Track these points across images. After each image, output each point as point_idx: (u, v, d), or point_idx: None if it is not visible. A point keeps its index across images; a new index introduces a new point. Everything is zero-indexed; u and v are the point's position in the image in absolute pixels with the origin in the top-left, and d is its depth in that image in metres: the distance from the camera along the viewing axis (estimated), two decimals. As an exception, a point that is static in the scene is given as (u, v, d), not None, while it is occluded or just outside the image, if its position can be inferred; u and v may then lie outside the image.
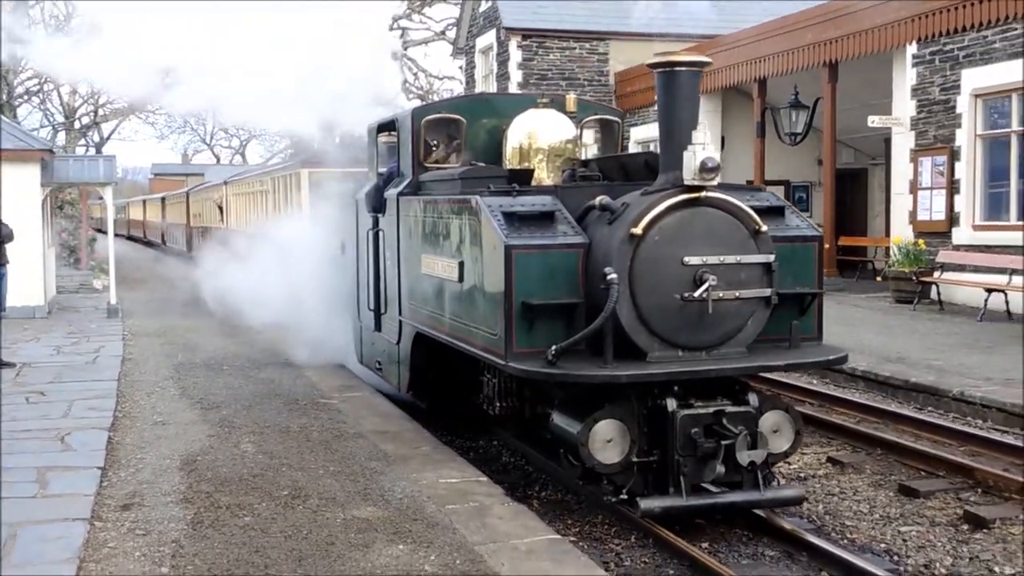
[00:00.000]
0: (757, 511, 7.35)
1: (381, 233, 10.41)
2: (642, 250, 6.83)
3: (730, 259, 6.95)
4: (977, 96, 18.37)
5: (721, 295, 6.83)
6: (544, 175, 9.15)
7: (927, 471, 9.13)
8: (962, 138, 18.62)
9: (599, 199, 7.32)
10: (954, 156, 18.77)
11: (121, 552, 6.32)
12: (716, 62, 24.14)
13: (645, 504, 6.73)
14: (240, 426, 9.77)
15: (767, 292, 7.13)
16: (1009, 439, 9.86)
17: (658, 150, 8.25)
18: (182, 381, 12.26)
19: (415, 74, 42.51)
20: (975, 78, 18.26)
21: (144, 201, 55.18)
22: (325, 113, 14.95)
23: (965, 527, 7.80)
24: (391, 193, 10.00)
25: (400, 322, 9.77)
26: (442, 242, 8.36)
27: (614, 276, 6.66)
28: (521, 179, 8.18)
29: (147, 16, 13.58)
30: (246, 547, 6.37)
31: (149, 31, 13.61)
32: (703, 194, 6.95)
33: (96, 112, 43.17)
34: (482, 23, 33.15)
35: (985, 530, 7.69)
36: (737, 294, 6.99)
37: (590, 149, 10.64)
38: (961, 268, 17.97)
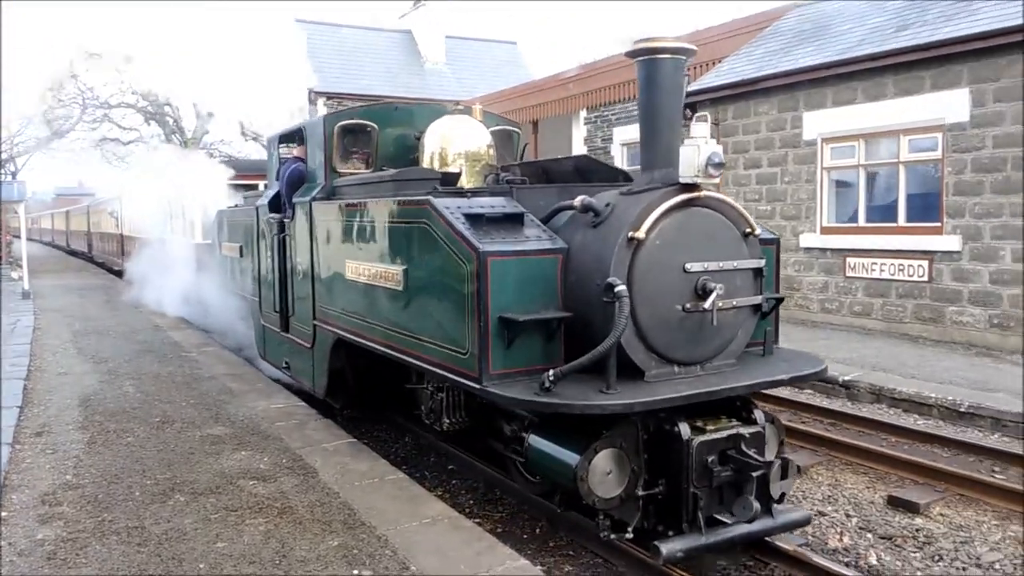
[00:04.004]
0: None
1: (288, 238, 7.63)
2: (641, 256, 4.41)
3: (728, 265, 4.64)
4: (623, 144, 19.17)
5: (721, 304, 4.53)
6: (465, 180, 6.31)
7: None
8: (614, 171, 19.47)
9: (580, 199, 4.72)
10: (610, 183, 19.60)
11: (36, 466, 5.91)
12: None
13: (667, 548, 4.20)
14: (123, 374, 9.19)
15: (758, 299, 4.86)
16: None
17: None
18: (79, 343, 11.37)
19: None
20: (622, 134, 19.09)
21: (52, 214, 50.52)
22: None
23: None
24: (302, 199, 7.21)
25: (315, 327, 7.05)
26: (375, 247, 5.74)
27: (623, 287, 4.22)
28: (451, 182, 5.76)
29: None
30: (129, 458, 6.06)
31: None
32: (702, 194, 4.62)
33: (12, 149, 39.47)
34: (298, 88, 32.23)
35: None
36: (734, 302, 4.67)
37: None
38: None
